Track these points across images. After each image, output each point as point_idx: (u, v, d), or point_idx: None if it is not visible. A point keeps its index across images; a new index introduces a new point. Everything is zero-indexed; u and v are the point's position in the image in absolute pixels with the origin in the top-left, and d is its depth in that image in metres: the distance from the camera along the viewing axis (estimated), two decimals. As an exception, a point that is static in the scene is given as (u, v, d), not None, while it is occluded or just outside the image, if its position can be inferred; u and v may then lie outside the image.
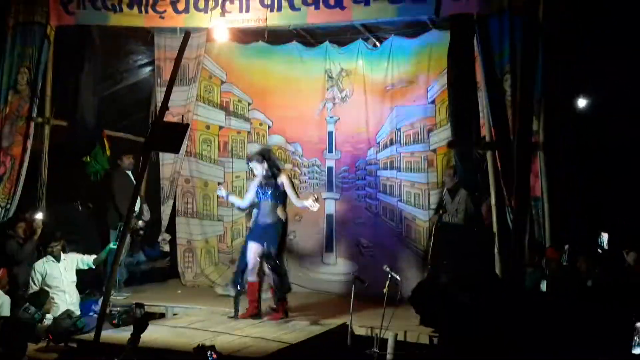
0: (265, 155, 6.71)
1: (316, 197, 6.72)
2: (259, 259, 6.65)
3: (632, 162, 7.21)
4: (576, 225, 6.82)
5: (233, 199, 7.32)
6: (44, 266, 6.77)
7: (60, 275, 6.79)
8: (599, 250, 6.30)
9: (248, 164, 7.16)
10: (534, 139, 6.29)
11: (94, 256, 7.01)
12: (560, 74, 6.40)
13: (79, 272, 6.96)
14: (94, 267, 7.04)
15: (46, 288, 6.64)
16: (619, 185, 7.16)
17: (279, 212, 6.64)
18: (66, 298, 6.72)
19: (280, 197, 6.67)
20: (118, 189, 7.90)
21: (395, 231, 8.30)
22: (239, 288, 6.73)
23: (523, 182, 5.90)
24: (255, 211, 6.85)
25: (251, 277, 6.71)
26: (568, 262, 6.03)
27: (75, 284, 6.89)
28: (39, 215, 7.23)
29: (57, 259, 6.81)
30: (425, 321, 5.66)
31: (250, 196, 6.88)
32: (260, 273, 6.75)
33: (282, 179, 6.67)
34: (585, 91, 7.66)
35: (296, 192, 6.82)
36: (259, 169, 6.68)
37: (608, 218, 7.08)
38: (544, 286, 6.07)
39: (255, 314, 6.70)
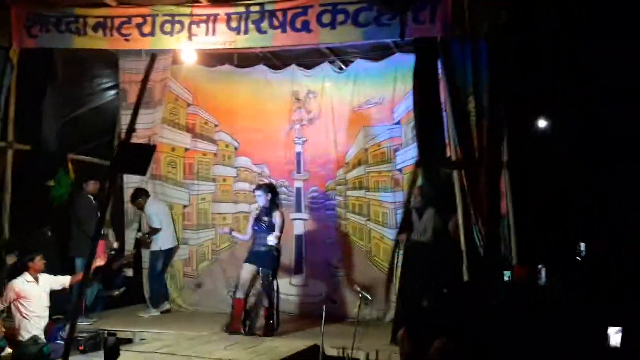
0: (272, 190, 7.45)
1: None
2: (249, 280, 7.21)
3: (593, 178, 7.41)
4: (543, 242, 6.96)
5: (236, 234, 7.87)
6: (23, 287, 6.33)
7: (40, 299, 6.42)
8: (578, 258, 6.42)
9: (254, 191, 7.65)
10: (496, 158, 6.46)
11: (67, 277, 6.69)
12: (522, 94, 6.59)
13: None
14: (68, 287, 6.70)
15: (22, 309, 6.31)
16: (583, 200, 7.35)
17: (272, 239, 7.15)
18: (40, 324, 6.39)
19: (273, 227, 7.23)
20: (83, 213, 7.76)
21: (364, 250, 8.36)
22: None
23: (494, 200, 6.00)
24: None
25: (239, 294, 7.21)
26: (545, 281, 6.14)
27: (49, 309, 6.55)
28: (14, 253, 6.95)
29: (37, 279, 6.43)
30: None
31: (249, 229, 7.50)
32: (248, 292, 7.27)
33: (276, 217, 7.26)
34: (549, 109, 7.89)
35: (280, 232, 7.25)
36: (262, 200, 7.35)
37: (574, 233, 7.25)
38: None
39: (237, 329, 7.08)
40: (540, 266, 6.14)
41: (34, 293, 6.41)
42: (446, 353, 4.78)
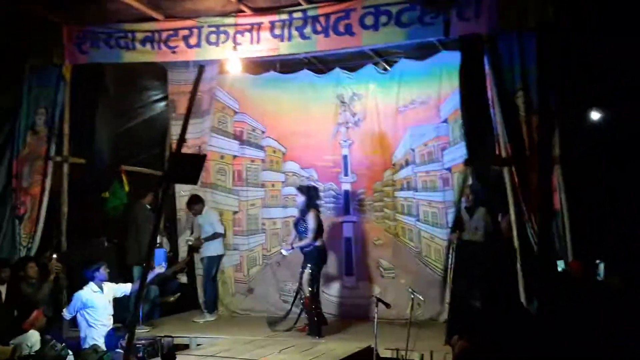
0: (304, 190, 7.68)
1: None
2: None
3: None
4: (599, 238, 6.79)
5: (297, 243, 7.66)
6: (90, 297, 6.49)
7: (105, 308, 6.60)
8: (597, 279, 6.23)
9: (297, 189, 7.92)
10: (550, 153, 6.32)
11: (128, 284, 6.88)
12: (575, 88, 6.44)
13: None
14: (129, 294, 6.88)
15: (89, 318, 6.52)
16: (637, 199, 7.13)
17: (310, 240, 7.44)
18: (105, 332, 6.55)
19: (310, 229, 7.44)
20: (142, 223, 7.96)
21: (415, 251, 8.32)
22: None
23: (546, 196, 5.88)
24: None
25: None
26: (604, 276, 5.99)
27: (112, 316, 6.73)
28: (55, 256, 7.16)
29: (102, 288, 6.61)
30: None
31: (293, 231, 7.82)
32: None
33: (308, 218, 7.45)
34: (599, 104, 7.69)
35: (315, 233, 7.41)
36: (299, 202, 7.62)
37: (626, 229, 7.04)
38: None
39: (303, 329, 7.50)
40: (598, 261, 5.99)
41: (100, 302, 6.59)
42: (469, 352, 4.74)
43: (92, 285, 6.60)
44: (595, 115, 7.93)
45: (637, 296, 5.79)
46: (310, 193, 7.67)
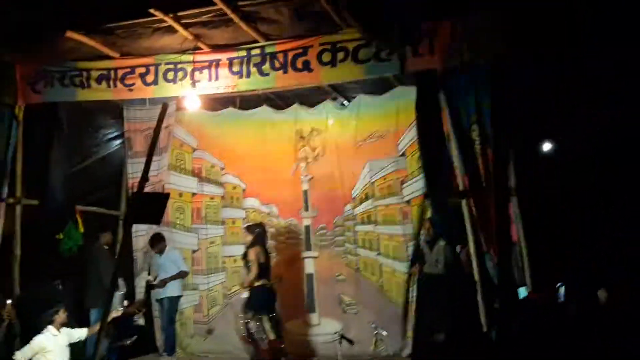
0: (249, 229, 7.72)
1: None
2: None
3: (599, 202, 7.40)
4: (558, 266, 6.92)
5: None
6: (49, 341, 6.23)
7: (62, 352, 6.34)
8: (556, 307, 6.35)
9: None
10: (505, 185, 6.45)
11: (84, 329, 6.64)
12: (528, 121, 6.62)
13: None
14: (84, 339, 6.64)
15: None
16: (592, 225, 7.32)
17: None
18: None
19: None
20: (100, 265, 7.75)
21: (377, 285, 8.30)
22: None
23: (503, 228, 5.97)
24: None
25: None
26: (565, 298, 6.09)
27: None
28: (9, 302, 6.95)
29: (59, 332, 6.35)
30: None
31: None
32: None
33: (249, 256, 7.45)
34: (553, 135, 7.92)
35: (251, 275, 7.36)
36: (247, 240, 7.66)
37: (583, 258, 7.20)
38: None
39: None
40: (559, 284, 6.09)
41: (58, 346, 6.36)
42: None
43: (51, 329, 6.36)
44: (549, 146, 8.15)
45: (594, 319, 5.91)
46: (255, 232, 7.58)
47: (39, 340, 6.28)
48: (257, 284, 7.32)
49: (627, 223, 7.11)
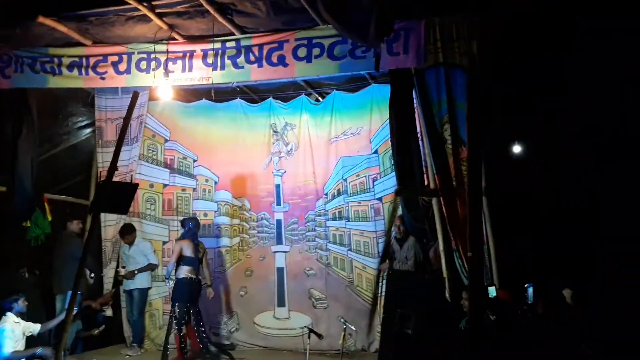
0: (182, 223, 7.93)
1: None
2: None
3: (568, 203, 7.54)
4: (523, 266, 7.03)
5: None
6: (11, 327, 6.19)
7: (19, 342, 6.29)
8: (524, 306, 6.45)
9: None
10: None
11: (37, 325, 6.57)
12: (501, 119, 6.69)
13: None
14: (36, 334, 6.59)
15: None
16: (561, 226, 7.45)
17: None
18: None
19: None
20: (68, 252, 7.65)
21: (347, 281, 8.35)
22: None
23: (476, 226, 6.02)
24: None
25: None
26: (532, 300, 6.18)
27: None
28: None
29: (20, 320, 6.32)
30: None
31: None
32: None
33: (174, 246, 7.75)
34: (522, 137, 8.04)
35: (176, 264, 7.58)
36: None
37: (552, 258, 7.33)
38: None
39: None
40: (526, 285, 6.18)
41: (17, 334, 6.32)
42: None
43: (12, 316, 6.32)
44: (519, 148, 8.27)
45: (561, 318, 6.03)
46: (187, 224, 7.76)
47: (7, 328, 6.23)
48: (182, 276, 7.43)
49: (596, 223, 7.27)
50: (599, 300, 6.51)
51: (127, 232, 8.26)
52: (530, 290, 6.41)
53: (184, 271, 7.44)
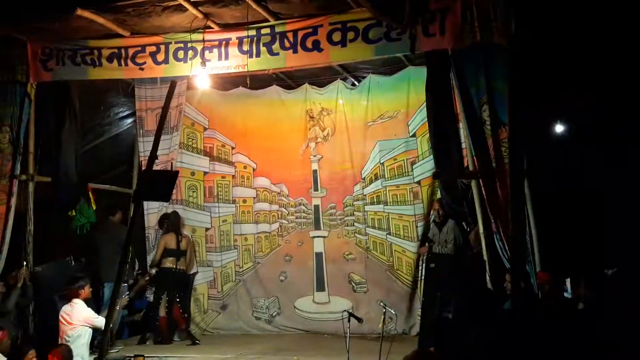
0: (160, 223, 8.32)
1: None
2: None
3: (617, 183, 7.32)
4: (567, 249, 6.89)
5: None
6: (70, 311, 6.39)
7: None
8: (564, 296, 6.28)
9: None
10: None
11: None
12: (541, 100, 6.53)
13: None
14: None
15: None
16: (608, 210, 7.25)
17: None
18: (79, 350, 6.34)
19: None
20: (114, 241, 7.84)
21: (386, 265, 8.34)
22: None
23: (518, 208, 5.92)
24: None
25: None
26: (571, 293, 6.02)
27: None
28: (24, 263, 7.15)
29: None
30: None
31: None
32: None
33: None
34: (557, 118, 7.85)
35: (155, 257, 8.11)
36: None
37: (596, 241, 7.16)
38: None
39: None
40: (565, 279, 6.03)
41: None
42: None
43: (79, 302, 6.46)
44: (563, 126, 8.08)
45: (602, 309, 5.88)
46: (163, 221, 8.24)
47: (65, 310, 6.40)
48: (164, 265, 7.90)
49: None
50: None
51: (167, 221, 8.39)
52: (568, 282, 6.24)
53: (167, 262, 7.91)
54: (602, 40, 6.52)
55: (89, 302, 6.61)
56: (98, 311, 6.65)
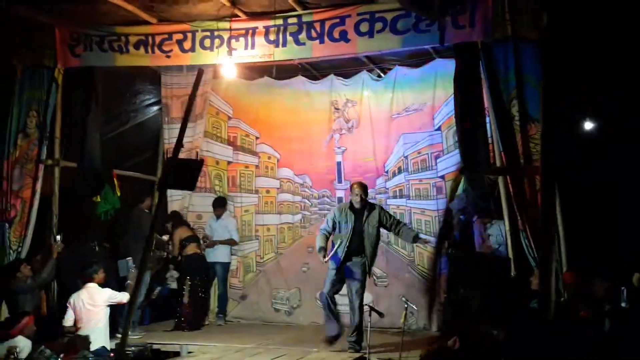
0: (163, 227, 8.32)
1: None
2: None
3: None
4: (592, 248, 6.75)
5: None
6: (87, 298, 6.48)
7: (102, 311, 6.54)
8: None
9: None
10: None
11: (126, 294, 6.72)
12: (573, 96, 6.39)
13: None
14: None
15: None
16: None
17: None
18: (99, 336, 6.43)
19: None
20: (141, 227, 7.85)
21: (408, 259, 8.26)
22: None
23: (549, 207, 5.79)
24: None
25: None
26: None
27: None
28: (58, 237, 7.27)
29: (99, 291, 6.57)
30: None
31: None
32: None
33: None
34: (587, 114, 7.68)
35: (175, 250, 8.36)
36: None
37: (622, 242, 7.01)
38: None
39: None
40: (622, 288, 5.78)
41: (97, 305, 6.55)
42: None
43: (92, 286, 6.58)
44: (594, 124, 7.91)
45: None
46: (165, 224, 8.34)
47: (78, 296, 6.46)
48: (187, 253, 8.15)
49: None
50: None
51: (220, 205, 8.60)
52: (625, 291, 6.01)
53: (189, 249, 8.15)
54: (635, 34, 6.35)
55: (108, 287, 6.71)
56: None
